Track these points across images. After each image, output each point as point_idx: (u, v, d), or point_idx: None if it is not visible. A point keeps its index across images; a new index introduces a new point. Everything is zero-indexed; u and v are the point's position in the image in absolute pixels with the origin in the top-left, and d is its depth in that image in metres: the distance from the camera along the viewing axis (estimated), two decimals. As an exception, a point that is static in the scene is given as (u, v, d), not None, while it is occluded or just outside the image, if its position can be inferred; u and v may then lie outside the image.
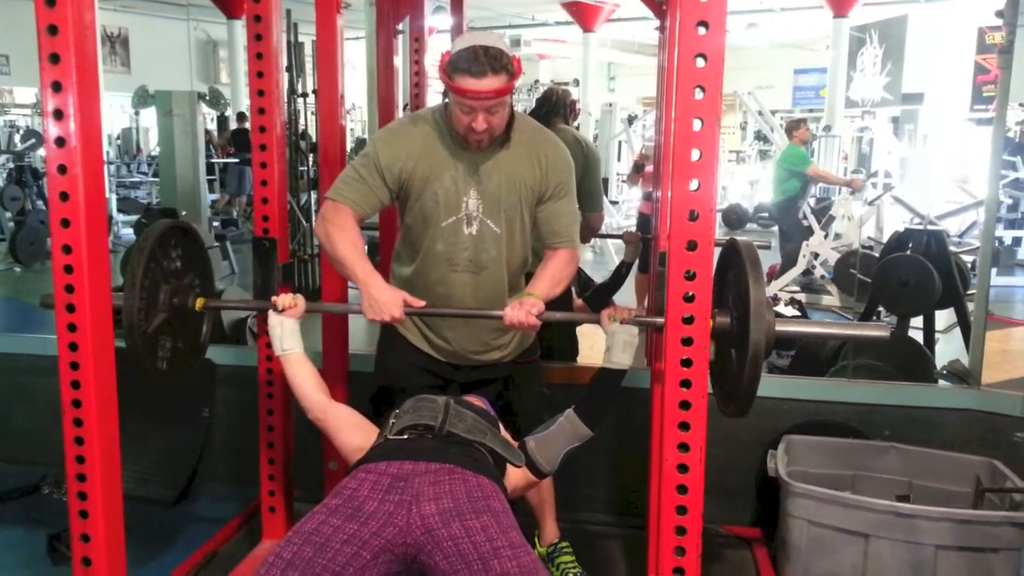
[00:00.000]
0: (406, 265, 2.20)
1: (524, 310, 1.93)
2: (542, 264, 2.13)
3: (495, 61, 1.87)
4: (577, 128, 4.12)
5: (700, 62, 1.51)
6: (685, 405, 1.61)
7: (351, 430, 1.93)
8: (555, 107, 3.18)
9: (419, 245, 2.13)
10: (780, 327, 1.75)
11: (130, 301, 1.84)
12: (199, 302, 2.09)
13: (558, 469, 1.94)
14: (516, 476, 1.90)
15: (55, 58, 1.54)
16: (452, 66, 1.89)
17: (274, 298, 2.04)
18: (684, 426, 1.62)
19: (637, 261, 3.48)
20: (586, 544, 2.63)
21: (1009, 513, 2.28)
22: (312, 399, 1.97)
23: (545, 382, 2.46)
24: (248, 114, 2.66)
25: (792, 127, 7.17)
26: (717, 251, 1.71)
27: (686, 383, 1.61)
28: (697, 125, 1.54)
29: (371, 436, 1.89)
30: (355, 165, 2.09)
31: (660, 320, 1.69)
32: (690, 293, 1.58)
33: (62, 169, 1.58)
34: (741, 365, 1.70)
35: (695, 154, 1.55)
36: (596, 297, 3.37)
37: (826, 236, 6.68)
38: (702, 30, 1.51)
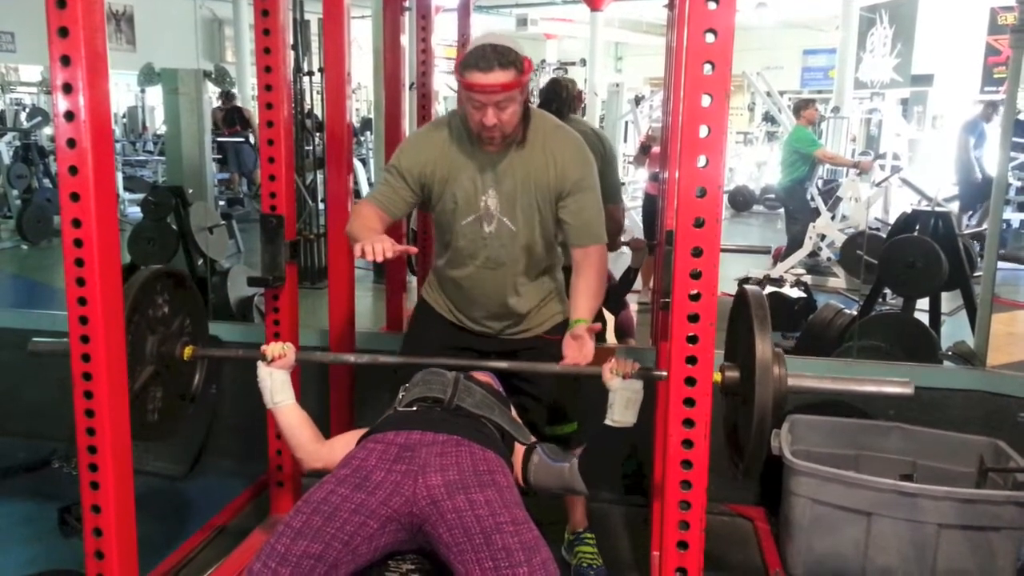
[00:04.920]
0: (441, 257, 2.29)
1: (582, 348, 2.02)
2: (575, 275, 2.17)
3: (502, 57, 1.92)
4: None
5: (710, 37, 1.50)
6: (690, 381, 1.62)
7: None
8: (566, 101, 3.20)
9: (446, 240, 2.23)
10: (794, 382, 1.72)
11: None
12: (187, 351, 2.08)
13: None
14: (520, 458, 1.91)
15: (64, 31, 1.54)
16: (463, 63, 1.96)
17: (263, 347, 1.99)
18: (689, 402, 1.63)
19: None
20: (590, 521, 2.65)
21: (1012, 492, 2.30)
22: (307, 450, 1.92)
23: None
24: (238, 94, 2.64)
25: (800, 107, 7.06)
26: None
27: (691, 359, 1.61)
28: (706, 101, 1.53)
29: None
30: (384, 171, 2.22)
31: (664, 373, 1.68)
32: (697, 270, 1.58)
33: (71, 143, 1.58)
34: (748, 424, 1.68)
35: (703, 130, 1.54)
36: (606, 300, 3.40)
37: (833, 218, 6.62)
38: (712, 5, 1.49)
